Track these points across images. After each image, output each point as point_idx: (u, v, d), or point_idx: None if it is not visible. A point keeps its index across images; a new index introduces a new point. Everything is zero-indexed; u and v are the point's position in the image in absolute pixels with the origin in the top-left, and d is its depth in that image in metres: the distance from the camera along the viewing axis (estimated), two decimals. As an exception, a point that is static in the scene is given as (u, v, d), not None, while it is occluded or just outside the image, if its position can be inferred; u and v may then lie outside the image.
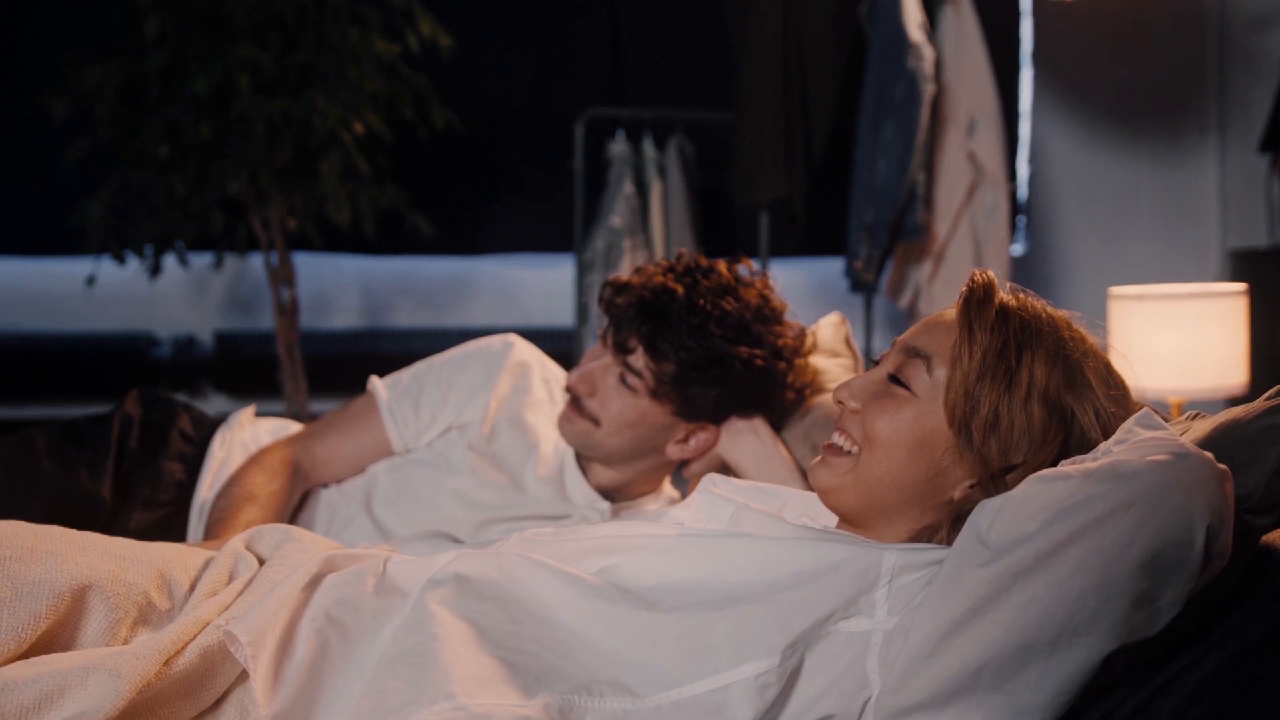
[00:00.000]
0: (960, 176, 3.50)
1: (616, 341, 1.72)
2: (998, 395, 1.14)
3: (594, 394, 1.73)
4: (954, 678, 1.01)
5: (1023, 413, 1.14)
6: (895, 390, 1.20)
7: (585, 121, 3.96)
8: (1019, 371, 1.15)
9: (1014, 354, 1.15)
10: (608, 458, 1.79)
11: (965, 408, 1.15)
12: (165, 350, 4.29)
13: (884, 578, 1.11)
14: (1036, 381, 1.15)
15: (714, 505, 1.25)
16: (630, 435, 1.74)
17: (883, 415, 1.19)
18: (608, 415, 1.73)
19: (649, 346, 1.69)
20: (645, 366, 1.70)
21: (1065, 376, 1.16)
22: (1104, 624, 0.96)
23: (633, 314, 1.70)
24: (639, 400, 1.72)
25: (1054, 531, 0.98)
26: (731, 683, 1.08)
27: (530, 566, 1.17)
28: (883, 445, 1.18)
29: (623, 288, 1.74)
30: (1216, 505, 0.95)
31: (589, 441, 1.75)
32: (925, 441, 1.17)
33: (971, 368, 1.15)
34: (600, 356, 1.76)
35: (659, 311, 1.69)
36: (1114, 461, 1.00)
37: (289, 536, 1.32)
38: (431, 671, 1.06)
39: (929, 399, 1.18)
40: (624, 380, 1.72)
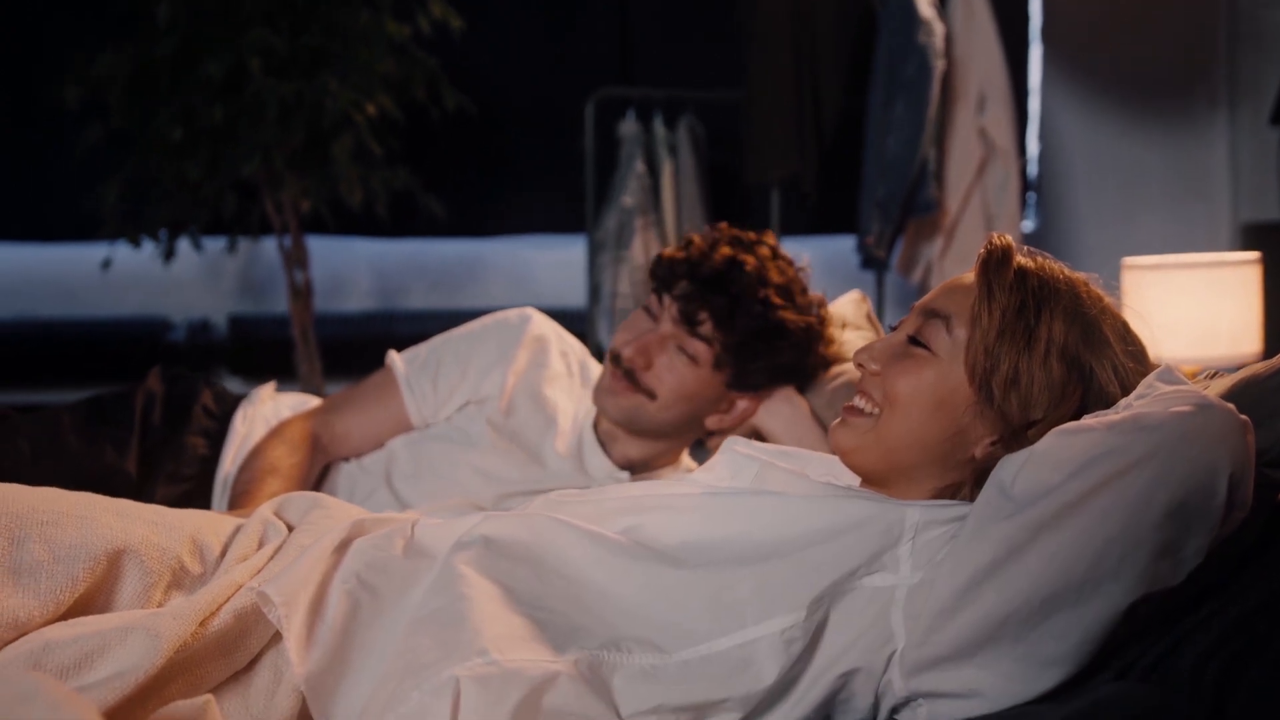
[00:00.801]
0: (971, 152, 3.51)
1: (684, 313, 1.71)
2: (1017, 352, 1.15)
3: (650, 367, 1.73)
4: (978, 629, 1.03)
5: (1042, 369, 1.14)
6: (915, 351, 1.21)
7: (595, 102, 3.96)
8: (1038, 329, 1.15)
9: (1033, 312, 1.16)
10: (656, 431, 1.78)
11: (985, 365, 1.16)
12: (180, 334, 4.32)
13: (908, 533, 1.12)
14: (1055, 338, 1.16)
15: (738, 464, 1.27)
16: (685, 408, 1.74)
17: (903, 375, 1.20)
18: (665, 388, 1.72)
19: (722, 317, 1.69)
20: (712, 337, 1.71)
21: (1083, 333, 1.16)
22: (1128, 574, 0.97)
23: (701, 285, 1.70)
24: (699, 371, 1.72)
25: (1078, 483, 0.99)
26: (758, 638, 1.09)
27: (557, 527, 1.19)
28: (903, 405, 1.19)
29: (685, 261, 1.73)
30: (1238, 455, 0.97)
31: (639, 415, 1.74)
32: (946, 400, 1.18)
33: (991, 326, 1.16)
34: (647, 328, 1.75)
35: (731, 282, 1.69)
36: (1137, 413, 1.01)
37: (317, 504, 1.34)
38: (462, 629, 1.07)
39: (949, 358, 1.18)
40: (685, 351, 1.72)
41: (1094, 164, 4.59)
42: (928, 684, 1.06)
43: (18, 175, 4.34)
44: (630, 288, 3.80)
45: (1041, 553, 1.00)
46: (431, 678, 1.03)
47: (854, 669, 1.10)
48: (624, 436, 1.83)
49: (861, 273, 4.22)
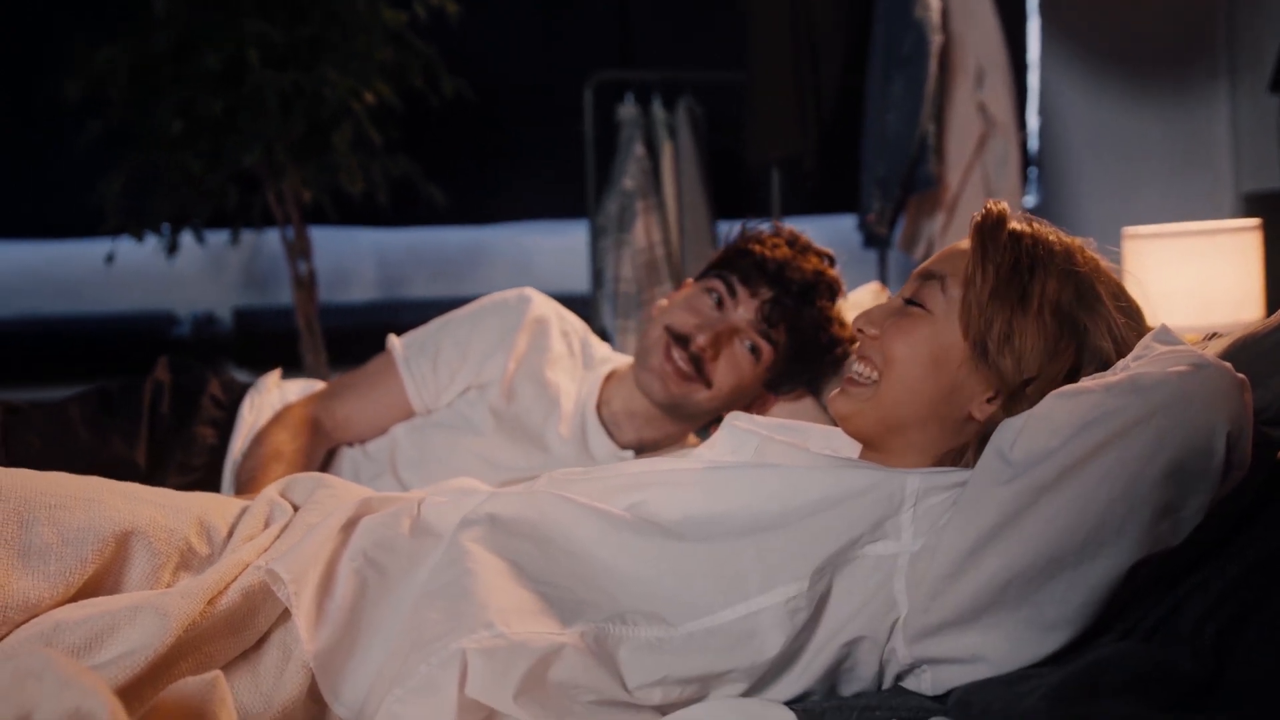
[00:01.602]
0: (970, 127, 3.50)
1: (768, 315, 1.71)
2: (1011, 308, 1.16)
3: (717, 358, 1.73)
4: (981, 594, 1.03)
5: (1035, 325, 1.16)
6: (912, 311, 1.23)
7: (594, 85, 3.96)
8: (1031, 286, 1.17)
9: (1026, 271, 1.17)
10: (692, 417, 1.78)
11: (980, 321, 1.17)
12: (185, 328, 4.33)
13: (909, 501, 1.13)
14: (1049, 296, 1.17)
15: (738, 438, 1.28)
16: (730, 400, 1.74)
17: (900, 335, 1.22)
18: (723, 380, 1.72)
19: (800, 328, 1.71)
20: (781, 342, 1.72)
21: (1077, 291, 1.17)
22: (1129, 535, 0.98)
23: (790, 293, 1.70)
24: (756, 369, 1.73)
25: (1077, 445, 1.00)
26: (762, 608, 1.10)
27: (561, 504, 1.20)
28: (900, 363, 1.21)
29: (774, 261, 1.71)
30: (1236, 414, 0.97)
31: (687, 401, 1.74)
32: (941, 357, 1.19)
33: (985, 284, 1.17)
34: (714, 316, 1.73)
35: (819, 295, 1.72)
36: (1134, 374, 1.01)
37: (322, 484, 1.35)
38: (468, 603, 1.08)
39: (944, 316, 1.20)
40: (752, 348, 1.72)
41: (1095, 137, 4.57)
42: (931, 650, 1.07)
43: (20, 172, 4.36)
44: (632, 271, 3.80)
45: (1042, 516, 1.00)
46: (439, 650, 1.04)
47: (858, 637, 1.11)
48: (645, 418, 1.81)
49: (864, 251, 4.22)
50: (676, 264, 3.89)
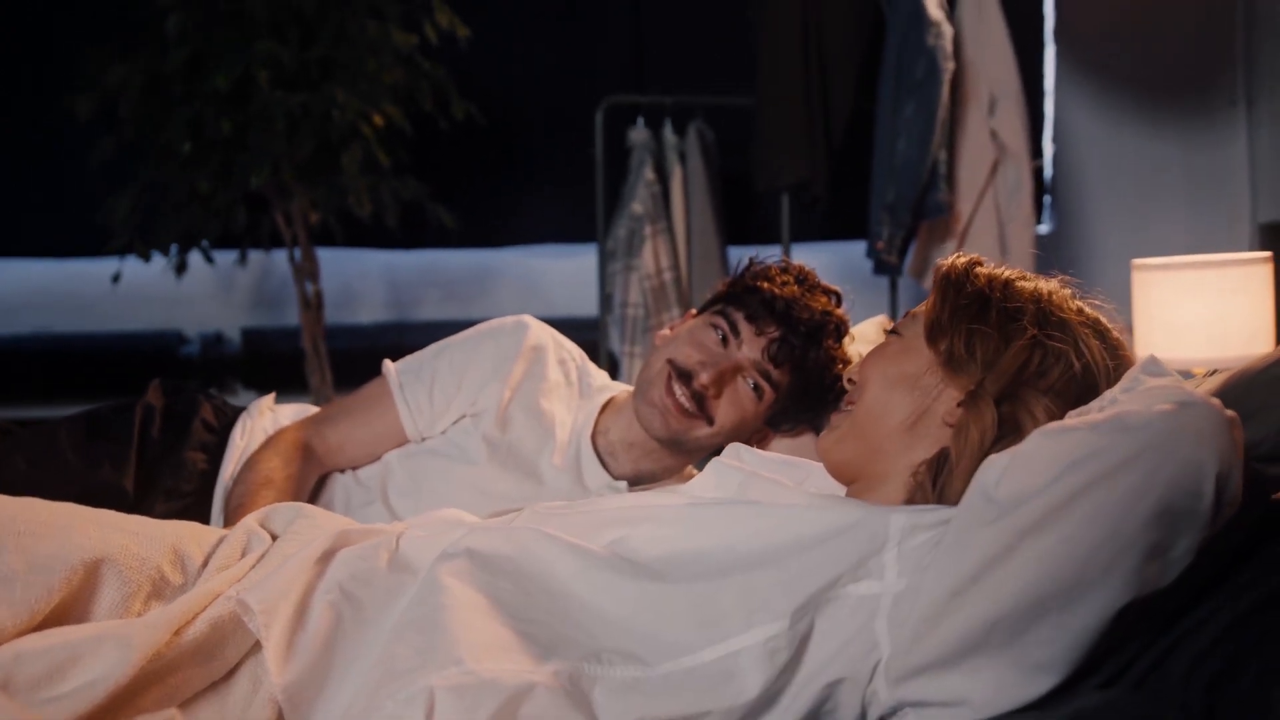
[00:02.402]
0: (982, 154, 3.47)
1: (774, 355, 1.67)
2: (972, 317, 1.20)
3: (720, 396, 1.69)
4: (965, 636, 1.00)
5: (998, 330, 1.18)
6: (887, 339, 1.29)
7: (605, 109, 3.95)
8: (992, 301, 1.21)
9: (987, 294, 1.21)
10: (691, 451, 1.75)
11: (945, 327, 1.21)
12: (194, 348, 4.34)
13: (893, 539, 1.10)
14: (1011, 308, 1.20)
15: (722, 474, 1.26)
16: (730, 437, 1.69)
17: (871, 359, 1.27)
18: (725, 418, 1.69)
19: (805, 368, 1.67)
20: (784, 381, 1.68)
21: (1039, 310, 1.20)
22: (1116, 577, 0.95)
23: (798, 332, 1.66)
24: (758, 409, 1.70)
25: (1062, 486, 0.96)
26: (741, 648, 1.07)
27: (541, 540, 1.18)
28: (872, 383, 1.25)
29: (782, 300, 1.67)
30: (1225, 452, 0.94)
31: (687, 437, 1.70)
32: (909, 369, 1.23)
33: (948, 303, 1.22)
34: (719, 352, 1.69)
35: (826, 335, 1.68)
36: (1120, 413, 0.98)
37: (302, 513, 1.33)
38: (440, 637, 1.06)
39: (912, 336, 1.25)
40: (755, 386, 1.69)
41: (1110, 165, 4.54)
42: (914, 693, 1.04)
43: (32, 191, 4.38)
44: (641, 296, 3.78)
45: (1027, 558, 0.97)
46: (407, 686, 1.02)
47: (839, 679, 1.08)
48: (643, 449, 1.78)
49: (875, 278, 4.20)
50: (685, 290, 3.87)
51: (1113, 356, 1.19)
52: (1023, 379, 1.15)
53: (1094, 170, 4.56)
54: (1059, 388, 1.16)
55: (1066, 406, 1.13)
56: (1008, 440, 1.13)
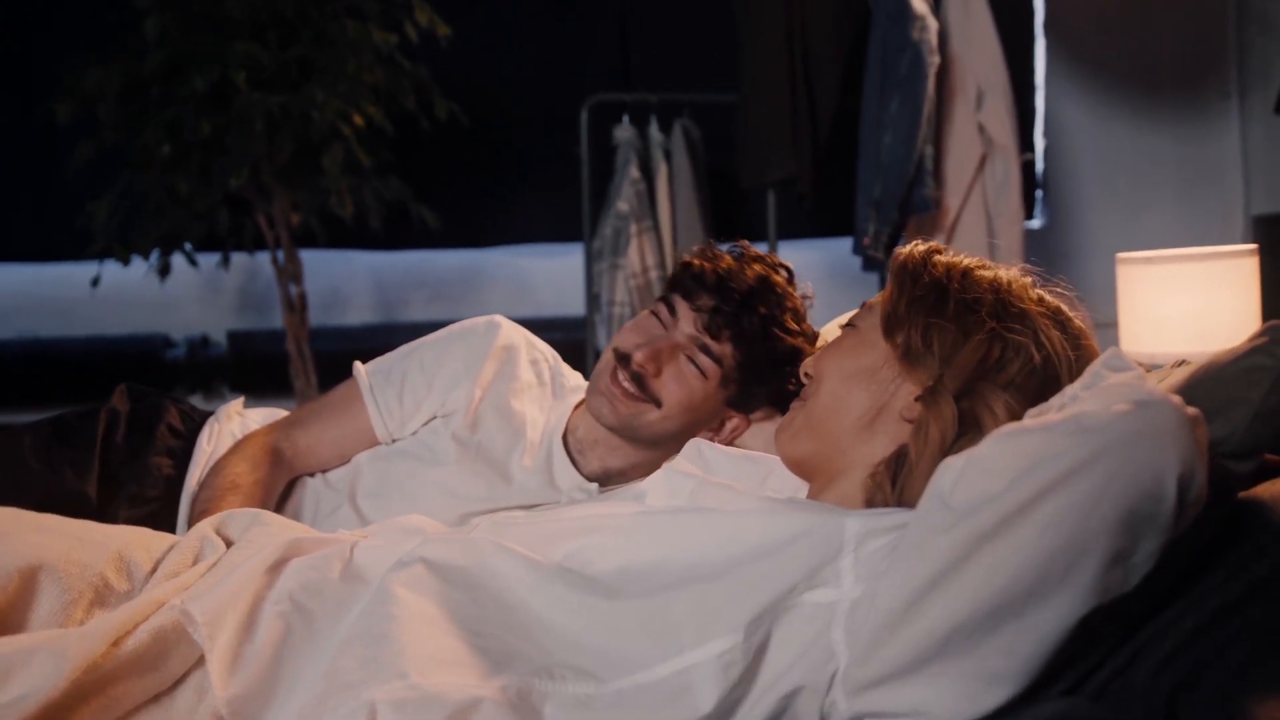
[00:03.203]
0: (970, 149, 3.44)
1: (709, 325, 1.64)
2: (929, 308, 1.18)
3: (659, 374, 1.65)
4: (922, 645, 0.97)
5: (955, 322, 1.16)
6: (843, 332, 1.26)
7: (590, 107, 3.92)
8: (950, 291, 1.18)
9: (946, 284, 1.19)
10: (649, 440, 1.71)
11: (901, 319, 1.18)
12: (180, 351, 4.31)
13: (848, 545, 1.07)
14: (969, 299, 1.17)
15: (674, 481, 1.23)
16: (685, 420, 1.66)
17: (827, 353, 1.25)
18: (672, 398, 1.64)
19: (745, 336, 1.63)
20: (728, 353, 1.65)
21: (998, 300, 1.18)
22: (1076, 584, 0.92)
23: (730, 300, 1.63)
24: (706, 385, 1.65)
25: (1018, 491, 0.93)
26: (695, 663, 1.05)
27: (496, 552, 1.15)
28: (827, 377, 1.23)
29: (714, 272, 1.65)
30: (1186, 453, 0.90)
31: (638, 423, 1.67)
32: (865, 363, 1.20)
33: (905, 295, 1.20)
34: (658, 333, 1.68)
35: (761, 302, 1.63)
36: (1077, 414, 0.95)
37: (258, 520, 1.30)
38: (386, 649, 1.04)
39: (869, 329, 1.22)
40: (696, 363, 1.66)
41: (1102, 158, 4.51)
42: (873, 703, 1.01)
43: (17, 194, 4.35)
44: (627, 294, 3.75)
45: (984, 566, 0.94)
46: (350, 700, 0.99)
47: (796, 689, 1.05)
48: (607, 445, 1.76)
49: (865, 275, 4.16)
50: (672, 288, 3.83)
51: (1074, 347, 1.15)
52: (982, 373, 1.13)
53: (1086, 164, 4.53)
54: (1019, 382, 1.13)
55: (1027, 401, 1.10)
56: (968, 438, 1.10)
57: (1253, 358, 1.05)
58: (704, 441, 1.45)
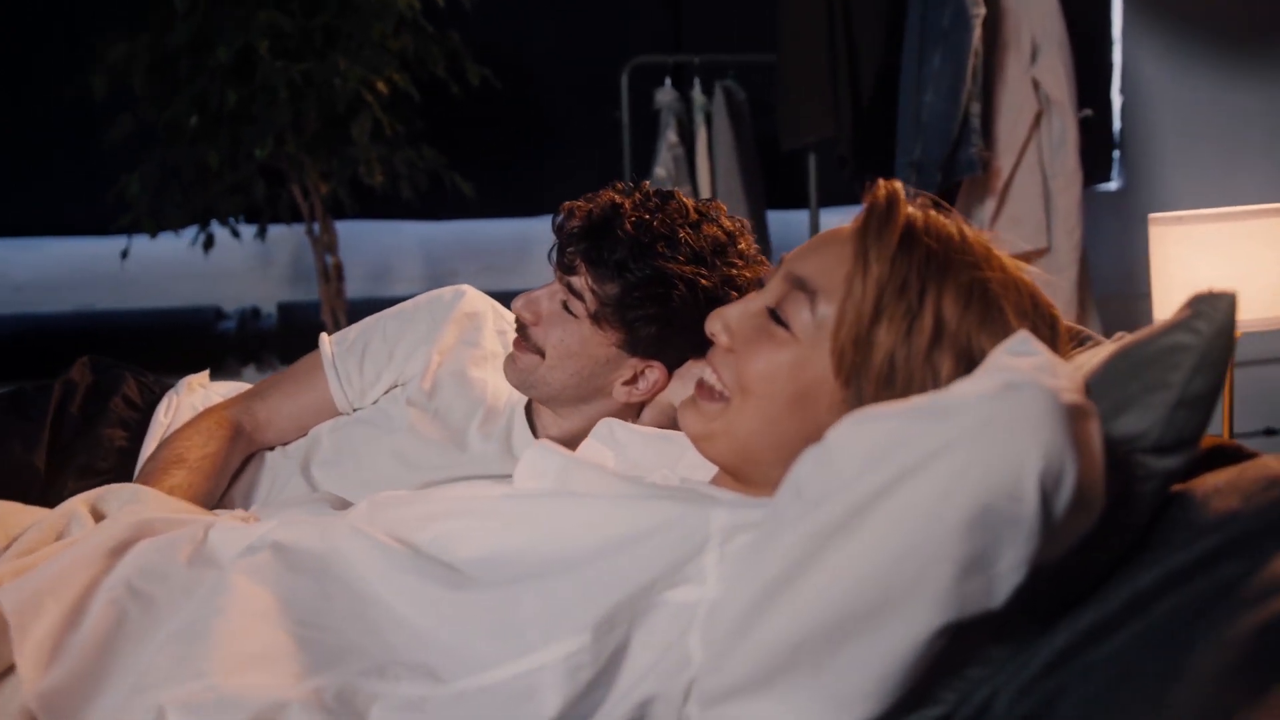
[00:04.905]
0: (1024, 106, 3.22)
1: (561, 261, 1.58)
2: (894, 341, 0.97)
3: (538, 322, 1.60)
4: (771, 656, 0.85)
5: (924, 364, 0.96)
6: (774, 329, 1.03)
7: (630, 70, 3.80)
8: (922, 314, 0.96)
9: (916, 292, 0.97)
10: (552, 397, 1.64)
11: (854, 357, 0.98)
12: (232, 324, 4.33)
13: (714, 539, 0.95)
14: (946, 323, 0.96)
15: (539, 460, 1.11)
16: (573, 368, 1.59)
17: (756, 358, 1.03)
18: (550, 344, 1.58)
19: (590, 263, 1.54)
20: (587, 287, 1.55)
21: (981, 316, 0.97)
22: (927, 593, 0.78)
23: (579, 229, 1.56)
24: (580, 326, 1.57)
25: (865, 483, 0.80)
26: (541, 665, 0.94)
27: (353, 537, 1.07)
28: (756, 395, 1.02)
29: (569, 210, 1.60)
30: (1053, 447, 0.76)
31: (532, 377, 1.61)
32: (806, 394, 1.01)
33: (865, 308, 0.97)
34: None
35: (604, 226, 1.53)
36: (938, 396, 0.82)
37: (135, 497, 1.24)
38: (199, 647, 0.96)
39: (810, 343, 1.01)
40: (566, 306, 1.58)
41: (1185, 115, 4.22)
42: (724, 718, 0.89)
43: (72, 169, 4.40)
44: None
45: (829, 567, 0.81)
46: (145, 702, 0.91)
47: (651, 696, 0.94)
48: (541, 410, 1.70)
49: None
50: (713, 256, 3.70)
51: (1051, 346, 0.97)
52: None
53: (1167, 123, 4.24)
54: None
55: None
56: None
57: (1173, 335, 0.89)
58: (616, 421, 1.34)
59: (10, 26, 4.25)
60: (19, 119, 4.32)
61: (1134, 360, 0.90)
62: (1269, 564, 0.69)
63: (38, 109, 4.26)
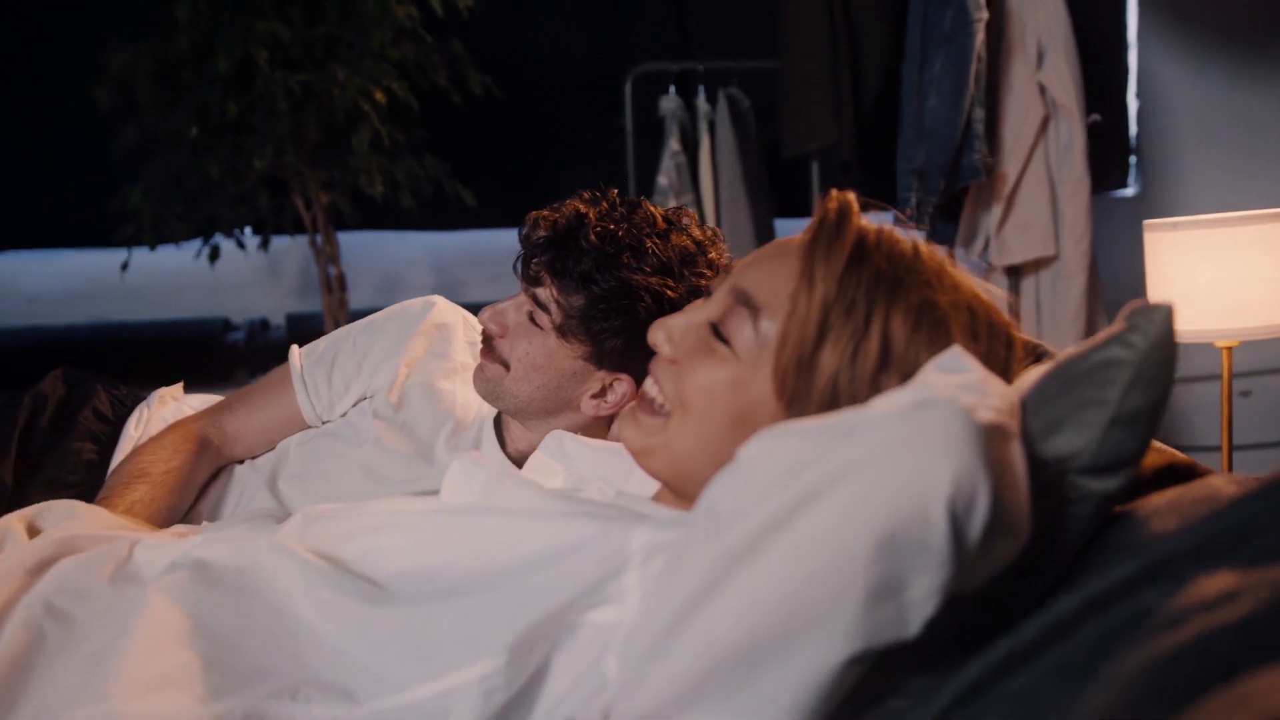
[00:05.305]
0: (1030, 111, 3.16)
1: (525, 273, 1.55)
2: (838, 364, 0.92)
3: (505, 334, 1.57)
4: (686, 681, 0.81)
5: (871, 388, 0.92)
6: (715, 345, 0.99)
7: (634, 78, 3.77)
8: (869, 335, 0.92)
9: (864, 313, 0.92)
10: (519, 410, 1.61)
11: (796, 381, 0.94)
12: (240, 335, 4.33)
13: (634, 559, 0.91)
14: (894, 346, 0.92)
15: (466, 474, 1.08)
16: (539, 380, 1.56)
17: (697, 374, 0.99)
18: (515, 356, 1.55)
19: (554, 274, 1.51)
20: (552, 299, 1.52)
21: (929, 338, 0.93)
22: (838, 620, 0.74)
23: (542, 241, 1.53)
24: (546, 339, 1.54)
25: (774, 503, 0.76)
26: (456, 686, 0.91)
27: (275, 552, 1.04)
28: (695, 413, 0.99)
29: (535, 220, 1.57)
30: (963, 469, 0.71)
31: (498, 389, 1.58)
32: (746, 414, 0.97)
33: (809, 328, 0.93)
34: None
35: (568, 236, 1.51)
36: (852, 412, 0.77)
37: (72, 513, 1.22)
38: (103, 669, 0.93)
39: (752, 362, 0.97)
40: (532, 317, 1.55)
41: (1203, 119, 4.13)
42: (640, 747, 0.85)
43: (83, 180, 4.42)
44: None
45: (739, 589, 0.77)
46: (40, 729, 0.89)
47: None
48: (510, 423, 1.67)
49: (929, 249, 3.91)
50: (716, 264, 3.65)
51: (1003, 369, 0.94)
52: None
53: (1184, 127, 4.16)
54: None
55: None
56: None
57: (1107, 350, 0.84)
58: (566, 433, 1.31)
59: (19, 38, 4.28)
60: (31, 131, 4.35)
61: (1067, 377, 0.86)
62: (1183, 591, 0.65)
63: (48, 121, 4.29)
